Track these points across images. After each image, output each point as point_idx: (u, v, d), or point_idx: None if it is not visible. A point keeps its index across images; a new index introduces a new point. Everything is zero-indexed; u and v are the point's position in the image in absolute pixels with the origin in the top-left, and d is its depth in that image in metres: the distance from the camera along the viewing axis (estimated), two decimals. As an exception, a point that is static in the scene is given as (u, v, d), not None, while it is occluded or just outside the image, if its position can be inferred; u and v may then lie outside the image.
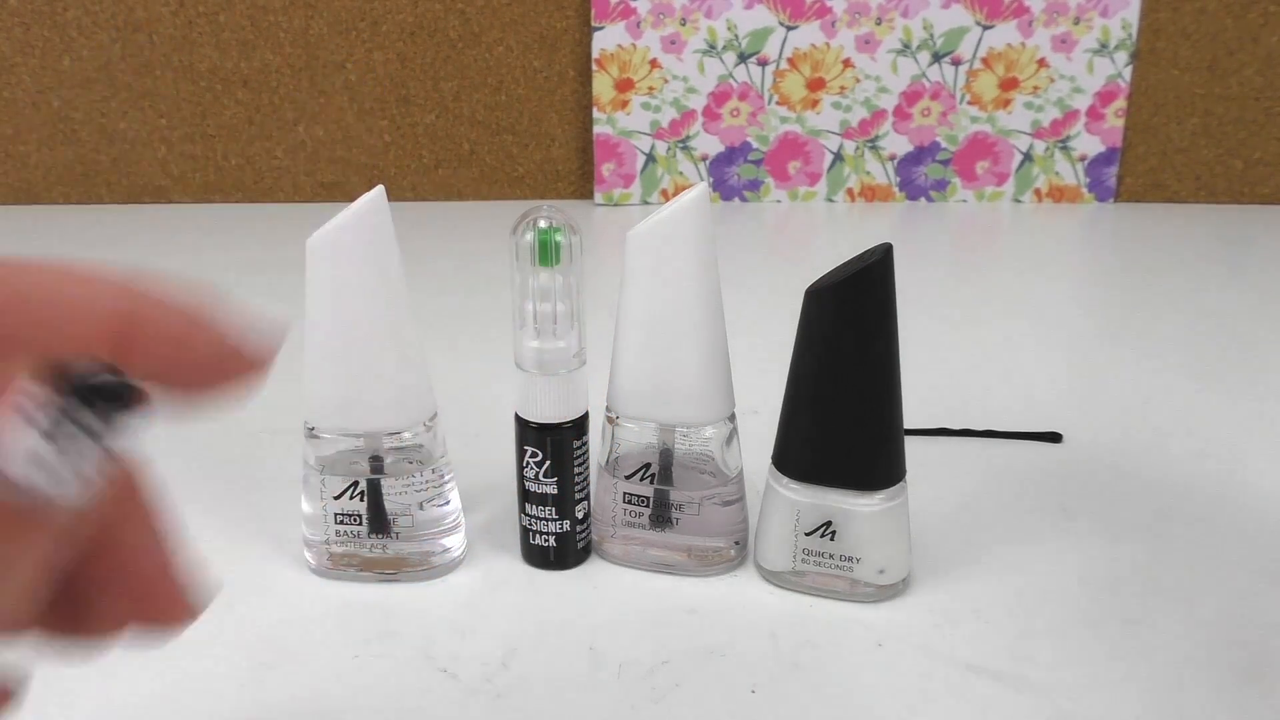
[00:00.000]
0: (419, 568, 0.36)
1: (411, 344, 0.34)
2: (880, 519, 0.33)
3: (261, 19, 0.84)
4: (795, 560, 0.34)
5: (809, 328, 0.32)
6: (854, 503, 0.33)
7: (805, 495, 0.34)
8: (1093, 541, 0.38)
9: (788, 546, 0.34)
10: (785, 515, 0.34)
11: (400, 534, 0.35)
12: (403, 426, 0.34)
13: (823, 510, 0.33)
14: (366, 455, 0.35)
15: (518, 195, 0.90)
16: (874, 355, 0.32)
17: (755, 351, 0.46)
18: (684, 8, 0.83)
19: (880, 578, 0.34)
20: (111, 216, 0.86)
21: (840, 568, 0.34)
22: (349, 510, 0.35)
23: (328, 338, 0.33)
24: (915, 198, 0.88)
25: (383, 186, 0.32)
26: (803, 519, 0.34)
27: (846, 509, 0.33)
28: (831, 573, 0.34)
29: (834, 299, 0.31)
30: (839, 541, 0.34)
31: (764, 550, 0.35)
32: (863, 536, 0.33)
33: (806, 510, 0.34)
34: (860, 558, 0.34)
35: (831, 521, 0.33)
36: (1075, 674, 0.31)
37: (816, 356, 0.32)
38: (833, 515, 0.33)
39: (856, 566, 0.34)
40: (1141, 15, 0.82)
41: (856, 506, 0.33)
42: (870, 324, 0.31)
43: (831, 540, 0.34)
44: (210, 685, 0.31)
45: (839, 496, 0.33)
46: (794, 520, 0.34)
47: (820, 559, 0.34)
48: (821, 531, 0.34)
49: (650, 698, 0.30)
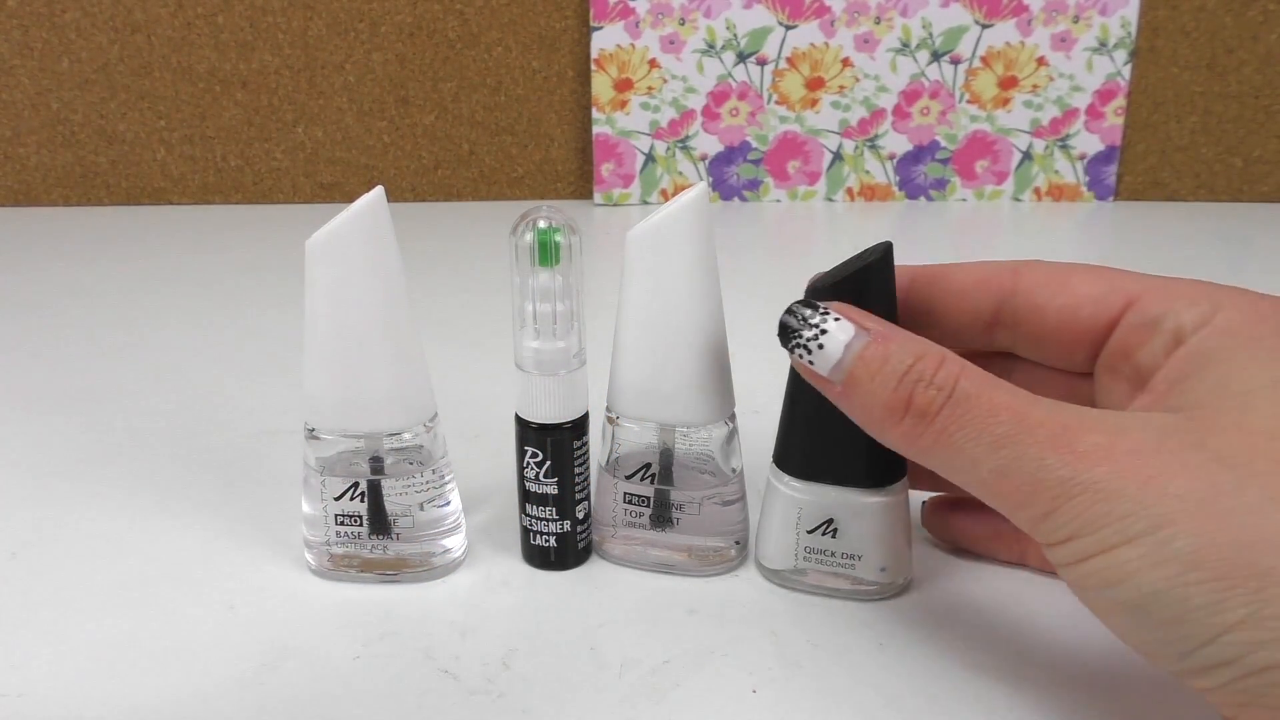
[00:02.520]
0: (419, 568, 0.36)
1: (411, 345, 0.34)
2: (882, 516, 0.33)
3: (260, 20, 0.84)
4: (797, 558, 0.34)
5: None
6: (856, 500, 0.33)
7: (806, 493, 0.33)
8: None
9: (789, 545, 0.34)
10: (786, 513, 0.34)
11: (401, 535, 0.35)
12: (403, 427, 0.34)
13: (824, 508, 0.33)
14: (367, 456, 0.35)
15: (517, 196, 0.90)
16: None
17: (755, 351, 0.46)
18: (683, 7, 0.83)
19: (882, 575, 0.34)
20: (111, 218, 0.86)
21: (842, 565, 0.34)
22: (349, 511, 0.35)
23: (327, 339, 0.33)
24: (915, 197, 0.88)
25: (382, 187, 0.32)
26: (804, 517, 0.34)
27: (848, 506, 0.33)
28: (833, 570, 0.34)
29: (834, 297, 0.31)
30: (840, 539, 0.34)
31: (765, 549, 0.35)
32: (865, 534, 0.33)
33: (808, 508, 0.34)
34: (862, 555, 0.34)
35: (833, 519, 0.33)
36: (1076, 673, 0.31)
37: None
38: (834, 512, 0.33)
39: (858, 564, 0.34)
40: (1141, 13, 0.82)
41: (858, 503, 0.33)
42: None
43: (833, 538, 0.34)
44: (211, 686, 0.31)
45: (840, 494, 0.33)
46: (795, 518, 0.34)
47: (822, 557, 0.34)
48: (823, 529, 0.34)
49: (651, 698, 0.30)
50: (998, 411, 0.25)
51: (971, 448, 0.25)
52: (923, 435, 0.26)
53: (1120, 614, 0.24)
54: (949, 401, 0.26)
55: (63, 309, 0.65)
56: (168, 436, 0.47)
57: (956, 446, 0.26)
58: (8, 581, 0.36)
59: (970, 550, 0.37)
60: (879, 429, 0.28)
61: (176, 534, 0.39)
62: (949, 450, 0.26)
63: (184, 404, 0.51)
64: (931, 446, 0.26)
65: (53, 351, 0.58)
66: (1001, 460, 0.25)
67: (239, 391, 0.52)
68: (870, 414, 0.28)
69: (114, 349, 0.58)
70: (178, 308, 0.65)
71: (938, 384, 0.26)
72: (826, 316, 0.29)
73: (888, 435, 0.28)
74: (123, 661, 0.32)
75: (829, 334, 0.28)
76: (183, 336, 0.60)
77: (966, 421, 0.25)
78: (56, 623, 0.34)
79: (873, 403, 0.27)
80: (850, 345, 0.28)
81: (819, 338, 0.28)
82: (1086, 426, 0.25)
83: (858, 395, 0.28)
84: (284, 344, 0.58)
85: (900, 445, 0.27)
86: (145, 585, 0.36)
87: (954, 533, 0.37)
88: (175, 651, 0.32)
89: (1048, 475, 0.24)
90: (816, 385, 0.29)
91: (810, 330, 0.29)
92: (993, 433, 0.25)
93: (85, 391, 0.52)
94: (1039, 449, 0.24)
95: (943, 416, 0.26)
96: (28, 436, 0.47)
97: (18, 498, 0.42)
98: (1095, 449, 0.24)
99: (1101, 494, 0.23)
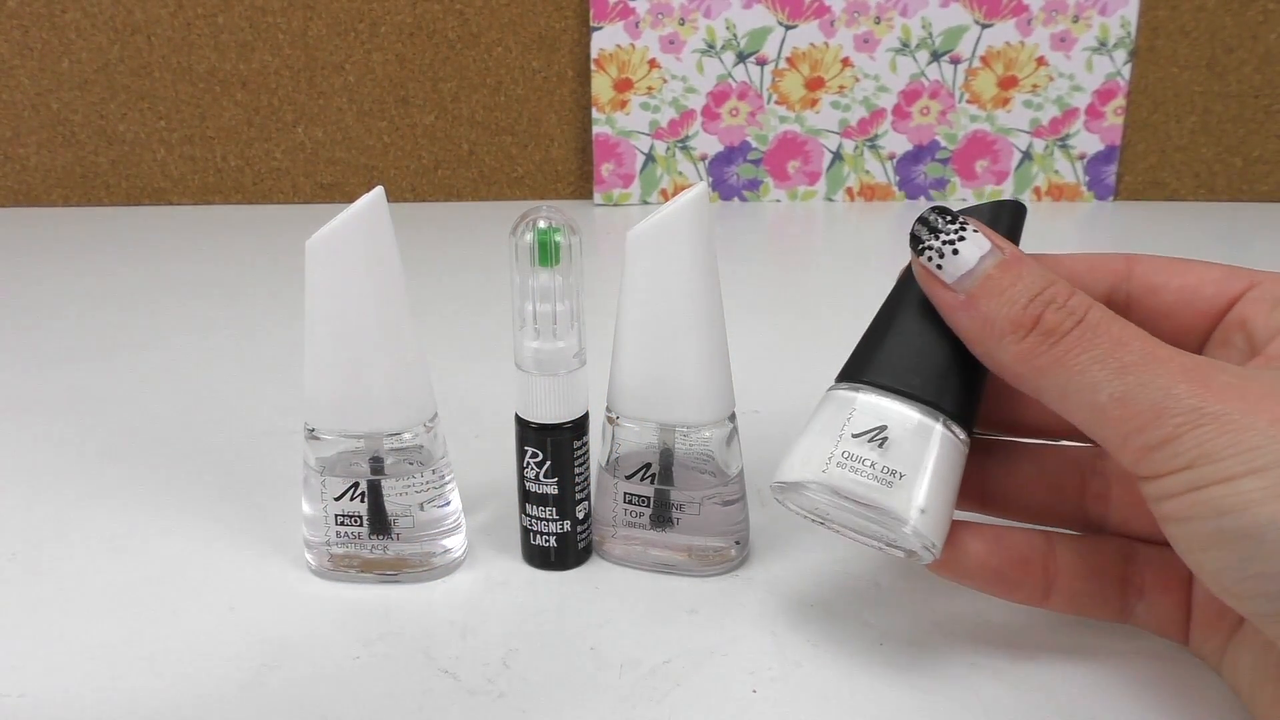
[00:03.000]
0: (420, 568, 0.36)
1: (411, 345, 0.34)
2: (944, 449, 0.29)
3: (260, 20, 0.84)
4: (829, 464, 0.29)
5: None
6: (924, 421, 0.29)
7: (869, 397, 0.30)
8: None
9: (823, 451, 0.29)
10: (833, 418, 0.30)
11: (401, 535, 0.35)
12: (403, 427, 0.34)
13: (882, 414, 0.29)
14: (367, 456, 0.35)
15: (517, 196, 0.90)
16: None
17: (755, 351, 0.46)
18: (682, 7, 0.83)
19: (920, 519, 0.28)
20: (111, 218, 0.86)
21: (879, 479, 0.29)
22: (350, 511, 0.35)
23: (327, 339, 0.33)
24: (915, 196, 0.88)
25: (382, 188, 0.32)
26: (855, 419, 0.29)
27: (912, 424, 0.29)
28: (867, 481, 0.29)
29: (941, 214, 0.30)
30: (888, 452, 0.29)
31: (787, 462, 0.30)
32: (917, 457, 0.29)
33: (865, 410, 0.29)
34: (904, 475, 0.29)
35: (887, 428, 0.29)
36: (1076, 672, 0.31)
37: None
38: (892, 423, 0.29)
39: (896, 485, 0.29)
40: (1140, 13, 0.82)
41: (926, 425, 0.29)
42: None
43: (880, 447, 0.29)
44: (211, 686, 0.31)
45: (908, 408, 0.29)
46: (845, 420, 0.30)
47: (860, 465, 0.29)
48: (872, 435, 0.29)
49: (651, 698, 0.30)
50: (1127, 342, 0.26)
51: (1095, 371, 0.26)
52: (1043, 354, 0.27)
53: (1225, 545, 0.24)
54: (1079, 326, 0.26)
55: (62, 309, 0.65)
56: (167, 437, 0.47)
57: (1078, 369, 0.26)
58: (8, 582, 0.36)
59: (982, 590, 0.31)
60: (996, 343, 0.28)
61: (176, 534, 0.39)
62: (1068, 372, 0.26)
63: (183, 404, 0.51)
64: (1050, 366, 0.26)
65: (53, 351, 0.58)
66: (1126, 385, 0.25)
67: (238, 391, 0.52)
68: (990, 327, 0.28)
69: (114, 349, 0.58)
70: (178, 308, 0.65)
71: (1069, 308, 0.27)
72: (965, 228, 0.29)
73: (1004, 351, 0.27)
74: (123, 661, 0.32)
75: (965, 243, 0.29)
76: (183, 336, 0.60)
77: (1094, 345, 0.26)
78: (56, 623, 0.34)
79: (997, 316, 0.27)
80: (985, 258, 0.28)
81: (954, 244, 0.29)
82: (1217, 368, 0.25)
83: (982, 307, 0.28)
84: (283, 344, 0.58)
85: (1014, 362, 0.27)
86: (145, 586, 0.36)
87: (972, 563, 0.31)
88: (175, 652, 0.32)
89: (1175, 403, 0.24)
90: (934, 295, 0.29)
91: (946, 236, 0.29)
92: (1120, 359, 0.25)
93: (84, 391, 0.52)
94: (1169, 379, 0.25)
95: (1070, 338, 0.26)
96: (27, 437, 0.47)
97: (18, 498, 0.42)
98: (1227, 387, 0.24)
99: (1231, 425, 0.24)
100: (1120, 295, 0.32)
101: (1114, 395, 0.25)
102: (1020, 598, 0.31)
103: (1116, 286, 0.32)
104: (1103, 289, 0.32)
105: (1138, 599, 0.31)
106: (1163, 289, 0.31)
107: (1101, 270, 0.32)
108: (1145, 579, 0.31)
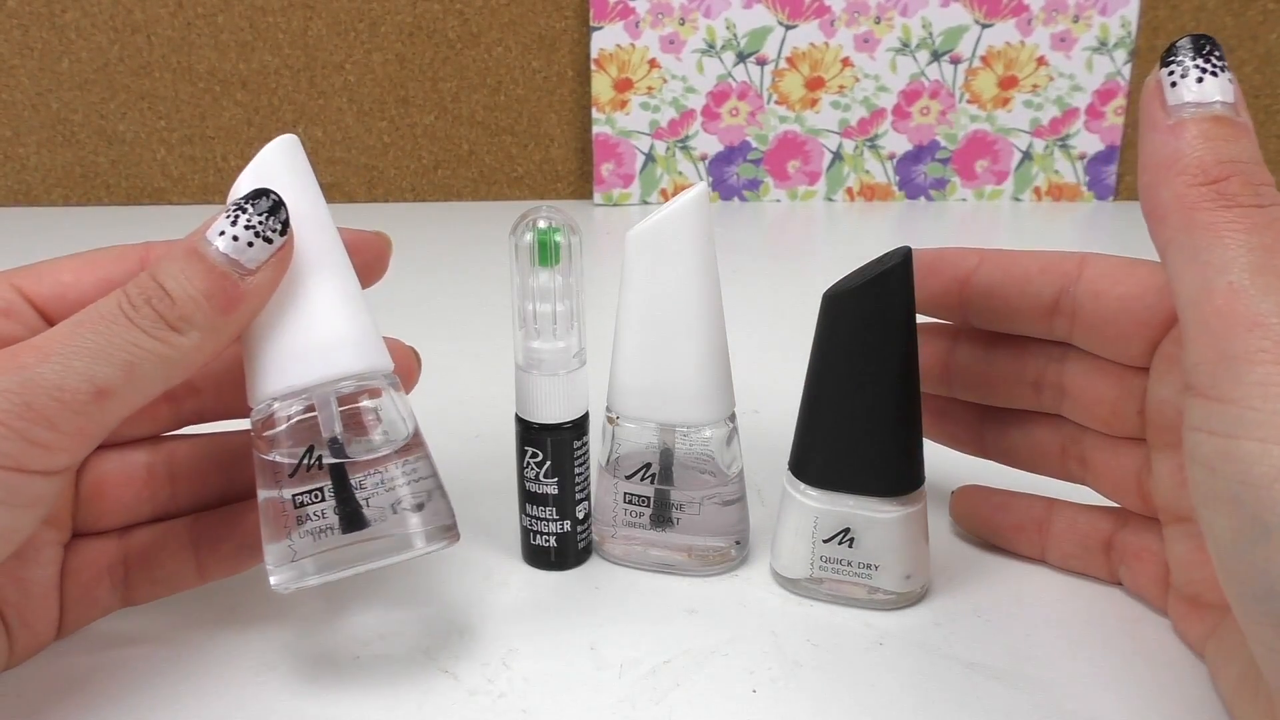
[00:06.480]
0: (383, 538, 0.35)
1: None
2: (900, 526, 0.33)
3: (260, 20, 0.84)
4: (813, 567, 0.34)
5: (827, 332, 0.32)
6: (874, 509, 0.33)
7: (823, 502, 0.33)
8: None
9: (805, 553, 0.34)
10: (802, 522, 0.34)
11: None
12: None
13: (841, 517, 0.33)
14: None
15: (517, 196, 0.90)
16: (894, 360, 0.31)
17: (755, 351, 0.46)
18: (682, 7, 0.83)
19: (906, 584, 0.33)
20: (111, 218, 0.86)
21: (859, 575, 0.34)
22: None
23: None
24: (915, 197, 0.88)
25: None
26: (820, 526, 0.33)
27: (866, 516, 0.33)
28: (850, 580, 0.34)
29: (853, 303, 0.31)
30: (858, 548, 0.33)
31: (781, 557, 0.35)
32: (882, 544, 0.33)
33: (824, 517, 0.33)
34: (879, 564, 0.33)
35: (850, 529, 0.33)
36: (1077, 672, 0.31)
37: (834, 362, 0.32)
38: (851, 522, 0.33)
39: (875, 573, 0.33)
40: (1141, 13, 0.82)
41: (876, 513, 0.33)
42: (890, 329, 0.31)
43: (850, 547, 0.33)
44: (211, 687, 0.31)
45: (858, 503, 0.33)
46: (811, 527, 0.34)
47: (839, 566, 0.34)
48: (840, 538, 0.33)
49: (651, 698, 0.30)
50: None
51: (1235, 254, 0.24)
52: (1204, 212, 0.25)
53: (1235, 515, 0.23)
54: (1255, 209, 0.25)
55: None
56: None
57: (1223, 242, 0.24)
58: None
59: (992, 542, 0.37)
60: (1168, 177, 0.26)
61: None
62: (1212, 238, 0.25)
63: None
64: (1200, 226, 0.25)
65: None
66: (1251, 283, 0.24)
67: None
68: (1176, 160, 0.26)
69: (114, 349, 0.58)
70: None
71: (1259, 191, 0.25)
72: (1225, 72, 0.27)
73: (1170, 187, 0.26)
74: (122, 661, 0.32)
75: (1216, 80, 0.26)
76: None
77: (1254, 232, 0.24)
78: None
79: (1188, 153, 0.26)
80: (1221, 104, 0.26)
81: (1204, 75, 0.26)
82: None
83: (1184, 138, 0.26)
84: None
85: (1172, 202, 0.26)
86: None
87: (980, 522, 0.37)
88: (175, 652, 0.32)
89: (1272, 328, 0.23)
90: (1148, 110, 0.27)
91: (1203, 63, 0.27)
92: (1265, 260, 0.24)
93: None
94: None
95: (1238, 211, 0.25)
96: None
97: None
98: None
99: None
100: (1067, 299, 0.32)
101: (1233, 284, 0.24)
102: (1023, 553, 0.36)
103: (1065, 289, 0.32)
104: (1051, 292, 0.32)
105: (1119, 563, 0.34)
106: (1105, 297, 0.31)
107: (1054, 271, 0.32)
108: (1127, 546, 0.34)
